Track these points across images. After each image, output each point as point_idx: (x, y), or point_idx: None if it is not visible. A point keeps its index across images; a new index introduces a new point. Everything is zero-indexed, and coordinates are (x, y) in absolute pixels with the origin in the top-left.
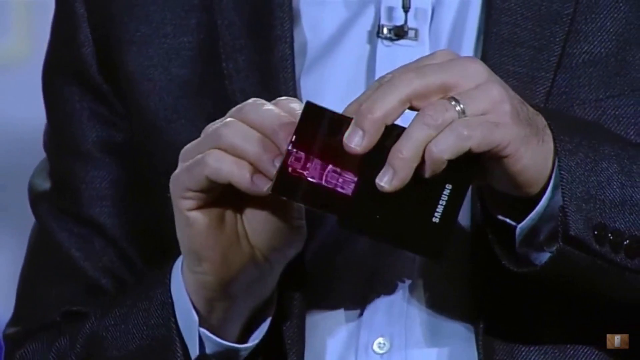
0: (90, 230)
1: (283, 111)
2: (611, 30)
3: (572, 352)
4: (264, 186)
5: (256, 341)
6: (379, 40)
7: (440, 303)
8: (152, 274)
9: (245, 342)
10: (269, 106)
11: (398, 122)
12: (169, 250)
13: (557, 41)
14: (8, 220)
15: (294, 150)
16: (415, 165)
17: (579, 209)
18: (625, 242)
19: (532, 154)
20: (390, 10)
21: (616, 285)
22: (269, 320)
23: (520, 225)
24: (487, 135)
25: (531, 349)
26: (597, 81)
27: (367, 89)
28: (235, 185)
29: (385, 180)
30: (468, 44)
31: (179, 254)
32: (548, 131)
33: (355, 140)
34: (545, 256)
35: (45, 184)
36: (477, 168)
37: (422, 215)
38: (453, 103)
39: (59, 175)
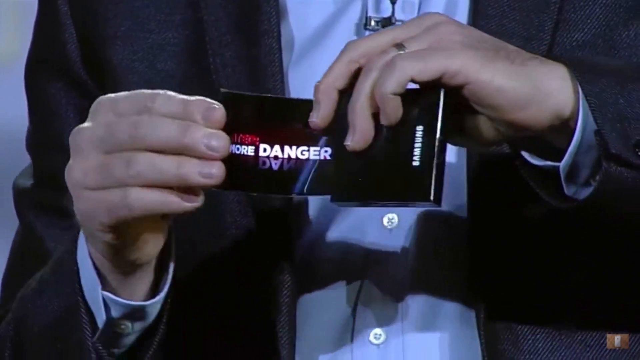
0: (69, 221)
1: (168, 110)
2: (600, 16)
3: (580, 337)
4: (200, 198)
5: (161, 295)
6: (366, 32)
7: (438, 290)
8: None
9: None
10: (160, 119)
11: None
12: None
13: (546, 30)
14: None
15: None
16: (369, 114)
17: (614, 129)
18: None
19: (504, 75)
20: (378, 2)
21: None
22: (172, 265)
23: (562, 164)
24: (427, 62)
25: (537, 336)
26: None
27: None
28: (170, 213)
29: (350, 139)
30: None
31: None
32: (540, 60)
33: (314, 115)
34: (588, 191)
35: (27, 182)
36: (445, 104)
37: (402, 164)
38: (399, 49)
39: (42, 170)
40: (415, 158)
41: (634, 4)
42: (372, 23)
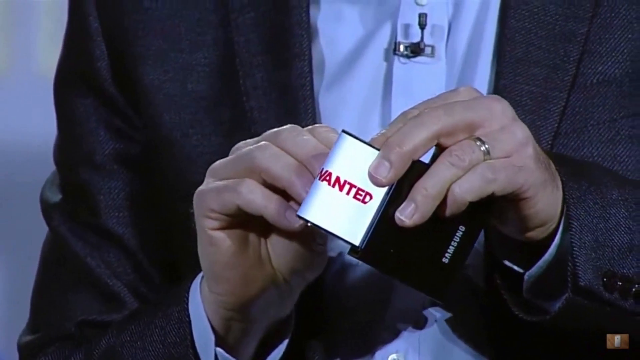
0: (106, 241)
1: (319, 140)
2: (625, 50)
3: None
4: (296, 222)
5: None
6: (396, 57)
7: (454, 325)
8: (171, 290)
9: None
10: (306, 135)
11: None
12: (178, 262)
13: (571, 61)
14: None
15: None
16: (437, 202)
17: (588, 258)
18: (633, 288)
19: (547, 199)
20: (407, 27)
21: (625, 327)
22: (285, 341)
23: (528, 273)
24: (511, 179)
25: None
26: (611, 101)
27: (393, 122)
28: (267, 219)
29: (406, 215)
30: (483, 63)
31: (187, 266)
32: (559, 177)
33: (381, 172)
34: (553, 303)
35: (56, 196)
36: (491, 212)
37: (433, 254)
38: (479, 144)
39: (73, 186)
40: (447, 255)
41: None
42: (401, 48)
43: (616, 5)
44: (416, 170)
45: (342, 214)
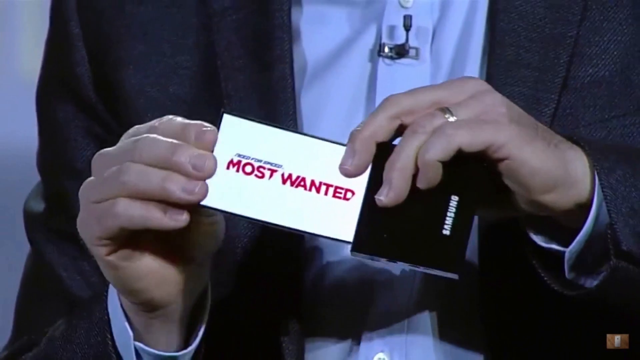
0: (81, 250)
1: (170, 135)
2: (615, 53)
3: None
4: (182, 218)
5: (193, 346)
6: (380, 59)
7: (442, 324)
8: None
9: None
10: (157, 139)
11: None
12: None
13: (561, 63)
14: None
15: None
16: (409, 174)
17: (627, 224)
18: None
19: (541, 156)
20: (392, 29)
21: None
22: (204, 324)
23: (569, 249)
24: (475, 133)
25: None
26: (602, 101)
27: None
28: (154, 228)
29: (384, 194)
30: (472, 65)
31: None
32: (567, 144)
33: (348, 162)
34: (592, 279)
35: (39, 206)
36: (483, 178)
37: (431, 229)
38: (445, 114)
39: (53, 194)
40: (446, 227)
41: None
42: (386, 50)
43: (605, 8)
44: (390, 153)
45: (328, 215)
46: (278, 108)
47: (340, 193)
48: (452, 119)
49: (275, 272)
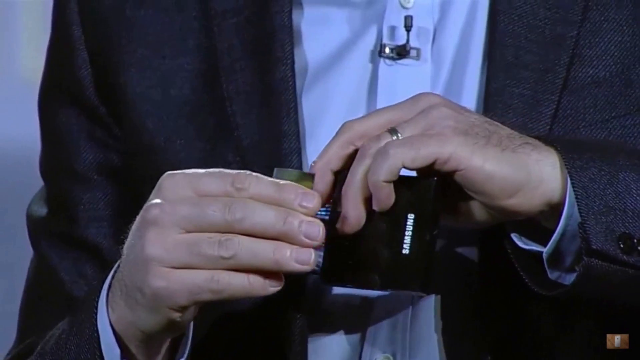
0: (85, 252)
1: (261, 196)
2: (615, 54)
3: None
4: (281, 282)
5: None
6: (381, 59)
7: (446, 320)
8: (84, 305)
9: None
10: (259, 206)
11: None
12: None
13: (561, 64)
14: None
15: None
16: (361, 199)
17: (598, 222)
18: None
19: (495, 163)
20: (393, 29)
21: None
22: (190, 337)
23: (545, 250)
24: (418, 149)
25: None
26: (602, 102)
27: None
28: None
29: (342, 224)
30: (473, 66)
31: None
32: (531, 146)
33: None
34: (571, 277)
35: (42, 210)
36: (437, 192)
37: (391, 251)
38: (392, 134)
39: (56, 198)
40: (405, 246)
41: None
42: (387, 50)
43: (605, 9)
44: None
45: None
46: (279, 109)
47: None
48: (396, 137)
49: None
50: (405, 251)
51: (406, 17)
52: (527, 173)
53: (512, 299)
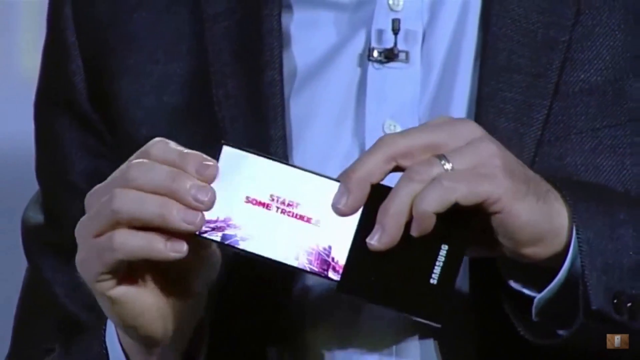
0: (74, 264)
1: (162, 160)
2: (607, 58)
3: None
4: (183, 249)
5: None
6: (370, 63)
7: (431, 346)
8: (94, 323)
9: None
10: (151, 165)
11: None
12: None
13: (553, 68)
14: None
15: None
16: (403, 221)
17: (599, 281)
18: None
19: (531, 211)
20: (380, 32)
21: (633, 350)
22: (204, 346)
23: (539, 296)
24: (473, 187)
25: None
26: (594, 110)
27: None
28: (154, 259)
29: (376, 239)
30: (464, 69)
31: None
32: (553, 194)
33: (341, 201)
34: (563, 327)
35: (37, 217)
36: (474, 229)
37: (419, 277)
38: (441, 161)
39: (49, 206)
40: (434, 276)
41: None
42: (375, 54)
43: (598, 13)
44: (383, 195)
45: (317, 252)
46: (267, 114)
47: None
48: (447, 165)
49: (260, 296)
50: (433, 281)
51: (393, 20)
52: (551, 225)
53: (504, 328)
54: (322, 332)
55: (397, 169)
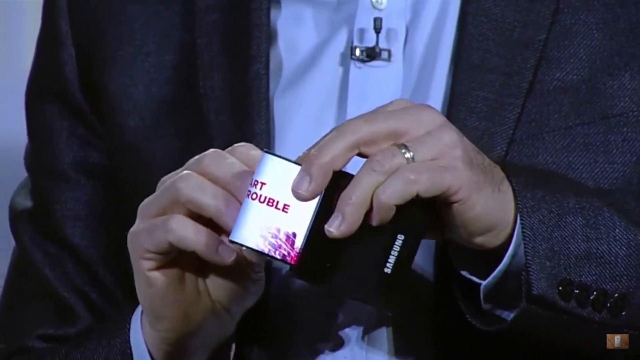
0: (63, 251)
1: (242, 160)
2: (584, 57)
3: None
4: (229, 257)
5: None
6: (352, 61)
7: (403, 334)
8: (114, 318)
9: None
10: (228, 158)
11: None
12: None
13: (528, 67)
14: None
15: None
16: (363, 210)
17: (543, 267)
18: (591, 296)
19: (486, 202)
20: (362, 31)
21: (583, 338)
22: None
23: (484, 283)
24: (435, 180)
25: None
26: (567, 108)
27: (321, 137)
28: (199, 255)
29: (335, 226)
30: (441, 68)
31: None
32: (506, 182)
33: (303, 186)
34: (510, 313)
35: (25, 202)
36: (429, 218)
37: (374, 265)
38: (403, 150)
39: (38, 194)
40: (388, 265)
41: (619, 50)
42: (357, 52)
43: (576, 12)
44: (343, 182)
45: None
46: (252, 108)
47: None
48: (408, 154)
49: None
50: (388, 270)
51: (375, 19)
52: (502, 215)
53: (463, 320)
54: (297, 326)
55: (359, 154)
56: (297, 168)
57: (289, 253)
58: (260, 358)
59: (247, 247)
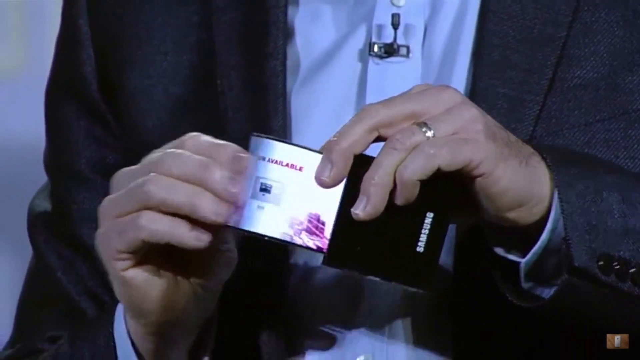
0: (77, 253)
1: (195, 151)
2: (604, 55)
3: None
4: (206, 239)
5: None
6: (370, 58)
7: (423, 328)
8: (100, 313)
9: None
10: (183, 152)
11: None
12: None
13: (548, 65)
14: (4, 234)
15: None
16: (387, 190)
17: (582, 240)
18: (631, 270)
19: (513, 175)
20: (381, 27)
21: (625, 313)
22: (207, 355)
23: (524, 260)
24: (455, 152)
25: None
26: (587, 105)
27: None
28: (176, 245)
29: (360, 208)
30: (461, 65)
31: None
32: (536, 157)
33: (325, 173)
34: (550, 290)
35: (44, 204)
36: (457, 195)
37: (406, 245)
38: (423, 129)
39: (56, 195)
40: (420, 243)
41: (639, 47)
42: (376, 49)
43: (597, 9)
44: (366, 166)
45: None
46: (269, 104)
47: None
48: (429, 133)
49: (258, 276)
50: (420, 249)
51: (393, 15)
52: (533, 189)
53: (481, 309)
54: (318, 316)
55: (379, 138)
56: (315, 155)
57: (319, 241)
58: (278, 351)
59: (276, 239)
